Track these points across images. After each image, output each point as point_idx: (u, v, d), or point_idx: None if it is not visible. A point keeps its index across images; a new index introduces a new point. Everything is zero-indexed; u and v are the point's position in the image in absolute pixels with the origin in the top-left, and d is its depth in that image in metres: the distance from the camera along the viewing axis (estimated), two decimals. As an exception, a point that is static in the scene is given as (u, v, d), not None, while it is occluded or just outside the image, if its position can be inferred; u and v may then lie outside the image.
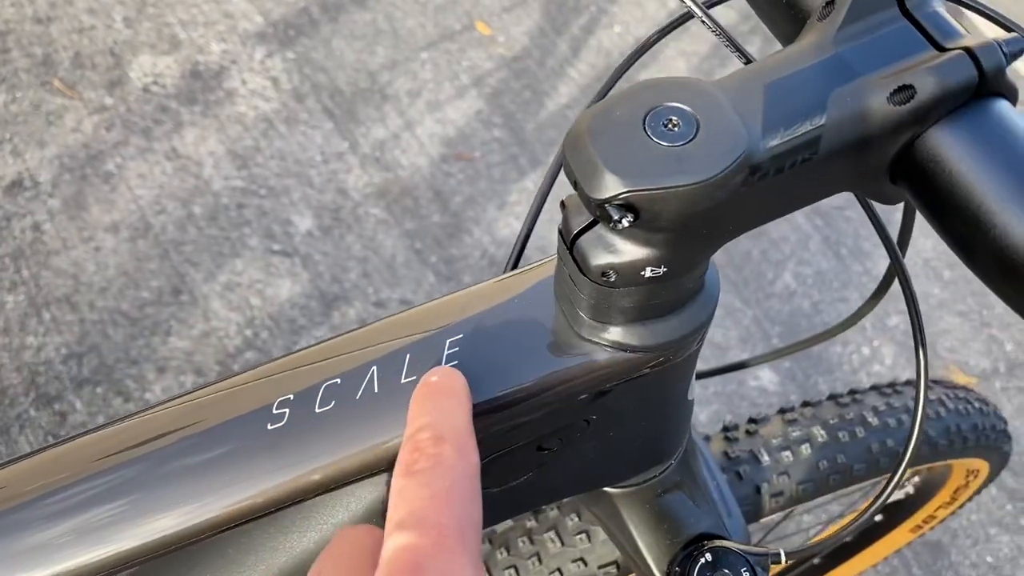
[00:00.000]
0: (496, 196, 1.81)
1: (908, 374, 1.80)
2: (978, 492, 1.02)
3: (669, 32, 0.46)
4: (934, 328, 1.92)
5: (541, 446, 0.41)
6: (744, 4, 0.41)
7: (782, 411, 0.71)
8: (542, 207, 0.44)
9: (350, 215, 1.69)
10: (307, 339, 1.55)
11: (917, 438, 0.48)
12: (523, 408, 0.37)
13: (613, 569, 0.65)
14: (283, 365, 0.37)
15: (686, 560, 0.48)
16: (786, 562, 0.47)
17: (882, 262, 2.01)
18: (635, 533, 0.48)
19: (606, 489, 0.48)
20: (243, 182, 1.66)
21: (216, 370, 1.47)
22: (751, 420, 0.70)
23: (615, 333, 0.36)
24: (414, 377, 0.36)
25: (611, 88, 0.44)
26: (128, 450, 0.35)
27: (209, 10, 1.88)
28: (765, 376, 1.73)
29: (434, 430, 0.31)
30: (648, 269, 0.32)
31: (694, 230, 0.31)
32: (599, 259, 0.32)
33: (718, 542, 0.48)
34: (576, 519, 0.65)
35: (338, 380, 0.36)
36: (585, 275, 0.33)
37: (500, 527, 0.67)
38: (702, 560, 0.47)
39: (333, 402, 0.36)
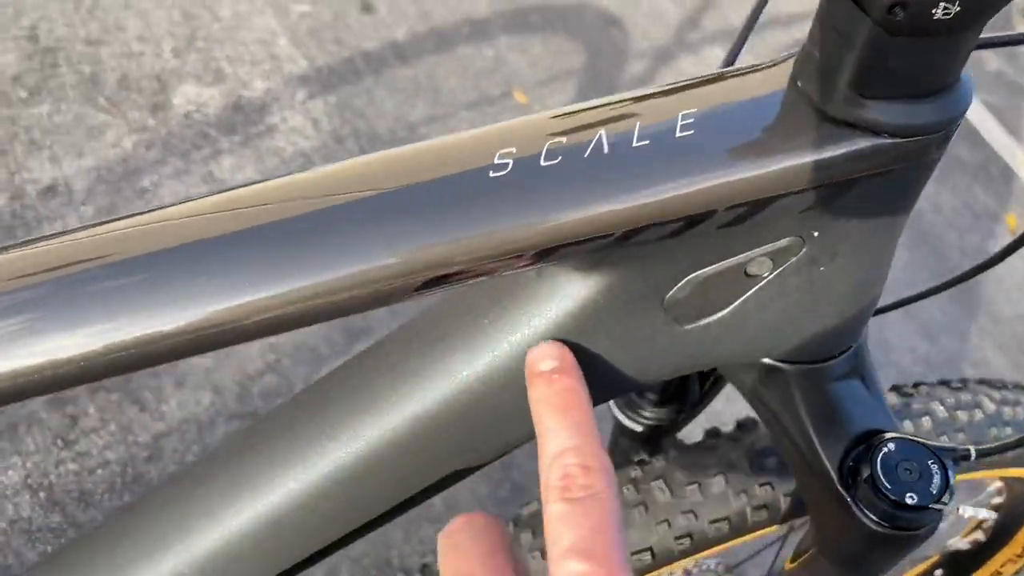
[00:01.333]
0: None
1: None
2: (1051, 544, 0.97)
3: None
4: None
5: (748, 271, 0.38)
6: None
7: (895, 387, 0.67)
8: None
9: (382, 254, 1.66)
10: (328, 370, 1.49)
11: None
12: (754, 191, 0.34)
13: (725, 525, 0.59)
14: (497, 128, 0.34)
15: (865, 452, 0.43)
16: (975, 458, 0.43)
17: (896, 327, 1.99)
18: (807, 419, 0.44)
19: (780, 366, 0.44)
20: (277, 212, 1.64)
21: (234, 390, 1.42)
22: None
23: (872, 109, 0.33)
24: (647, 142, 0.33)
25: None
26: (351, 192, 0.32)
27: (256, 50, 1.90)
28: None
29: (579, 456, 0.32)
30: (942, 5, 0.30)
31: None
32: None
33: (897, 434, 0.43)
34: (687, 471, 0.60)
35: (563, 139, 0.33)
36: (868, 14, 0.30)
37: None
38: (884, 450, 0.43)
39: (560, 158, 0.33)
